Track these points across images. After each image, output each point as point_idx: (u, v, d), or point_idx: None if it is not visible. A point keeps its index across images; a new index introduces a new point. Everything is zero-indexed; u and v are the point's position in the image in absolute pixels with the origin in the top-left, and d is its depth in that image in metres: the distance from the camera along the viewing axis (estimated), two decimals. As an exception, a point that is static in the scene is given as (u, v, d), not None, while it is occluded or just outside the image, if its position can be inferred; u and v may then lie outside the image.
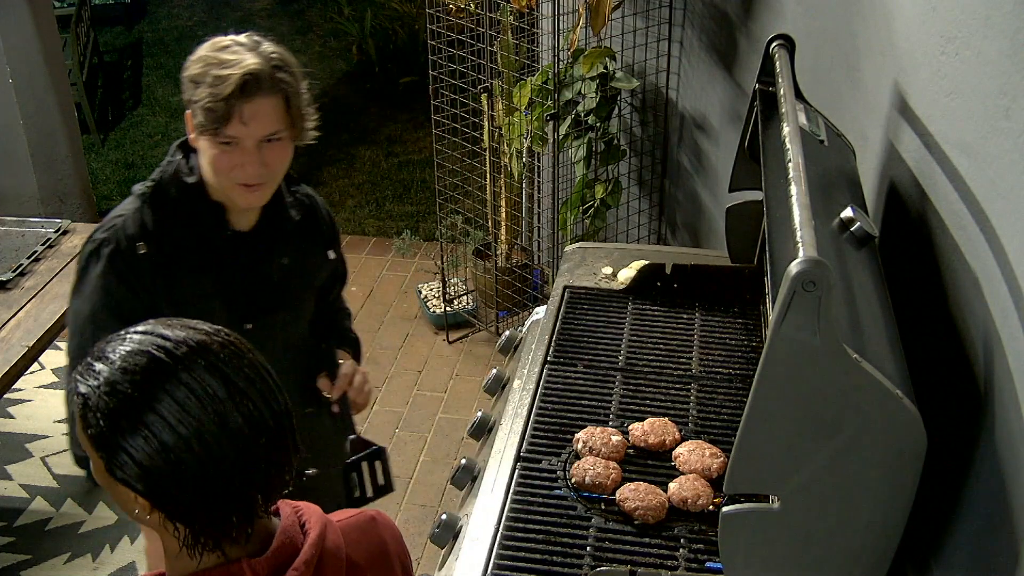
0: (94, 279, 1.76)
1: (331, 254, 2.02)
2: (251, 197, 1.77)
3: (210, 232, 1.81)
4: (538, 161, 4.18)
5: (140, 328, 1.11)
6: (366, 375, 2.02)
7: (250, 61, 1.67)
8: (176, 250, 1.78)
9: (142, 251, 1.75)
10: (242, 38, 1.74)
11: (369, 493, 1.97)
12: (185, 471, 1.05)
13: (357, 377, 1.98)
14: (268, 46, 1.73)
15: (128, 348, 1.08)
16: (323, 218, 2.01)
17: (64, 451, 3.51)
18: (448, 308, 4.25)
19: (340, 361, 2.00)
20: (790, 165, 1.39)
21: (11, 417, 3.70)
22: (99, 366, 1.08)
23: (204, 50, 1.71)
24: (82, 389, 1.08)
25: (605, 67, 3.41)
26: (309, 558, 1.14)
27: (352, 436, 1.98)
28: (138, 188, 1.82)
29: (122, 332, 1.12)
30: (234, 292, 1.84)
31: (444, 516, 1.78)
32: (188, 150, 1.81)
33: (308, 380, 1.97)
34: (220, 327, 1.14)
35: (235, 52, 1.69)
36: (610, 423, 1.91)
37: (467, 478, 1.90)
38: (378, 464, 1.98)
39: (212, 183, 1.76)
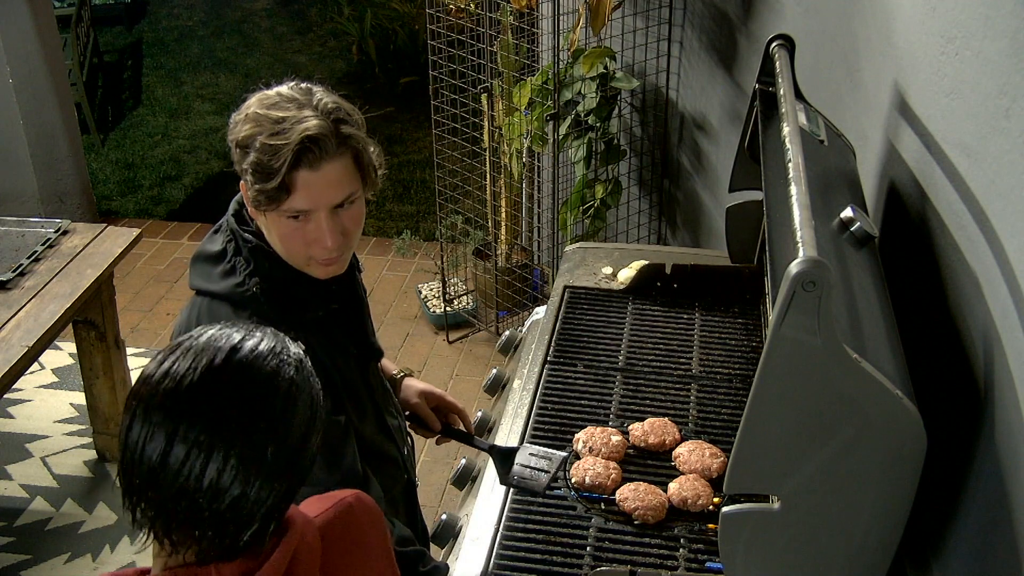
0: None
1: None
2: (331, 269, 1.58)
3: (317, 299, 1.62)
4: (538, 161, 4.18)
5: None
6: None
7: (309, 121, 1.44)
8: (306, 330, 1.50)
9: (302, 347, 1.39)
10: (288, 89, 1.50)
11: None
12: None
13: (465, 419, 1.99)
14: (322, 95, 1.50)
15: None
16: None
17: (64, 451, 3.51)
18: (448, 308, 4.25)
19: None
20: (790, 165, 1.39)
21: (11, 417, 3.70)
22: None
23: (251, 107, 1.48)
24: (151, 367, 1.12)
25: (605, 67, 3.41)
26: (278, 562, 1.13)
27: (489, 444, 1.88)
28: (236, 295, 1.56)
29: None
30: (354, 333, 1.71)
31: (444, 516, 1.78)
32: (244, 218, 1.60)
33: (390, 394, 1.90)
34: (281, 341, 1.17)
35: (287, 109, 1.46)
36: (610, 423, 1.91)
37: (467, 478, 1.90)
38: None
39: (285, 257, 1.56)
